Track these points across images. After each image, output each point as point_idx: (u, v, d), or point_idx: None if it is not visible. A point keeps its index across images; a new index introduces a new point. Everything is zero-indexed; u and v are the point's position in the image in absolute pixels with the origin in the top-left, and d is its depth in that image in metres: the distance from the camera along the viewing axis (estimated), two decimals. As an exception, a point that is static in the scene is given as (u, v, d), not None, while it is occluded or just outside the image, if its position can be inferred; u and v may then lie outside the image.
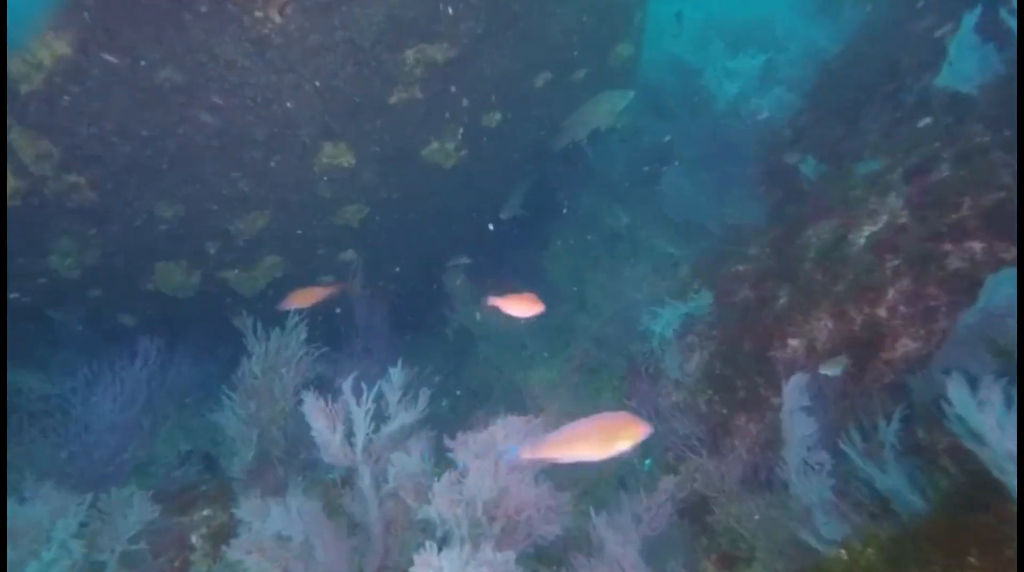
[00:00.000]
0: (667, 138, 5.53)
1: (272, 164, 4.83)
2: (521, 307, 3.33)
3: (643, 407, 4.40)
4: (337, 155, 5.05)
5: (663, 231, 5.53)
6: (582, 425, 2.23)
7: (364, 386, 2.86)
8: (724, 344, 3.83)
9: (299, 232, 5.55)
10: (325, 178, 5.17)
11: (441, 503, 2.48)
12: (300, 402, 3.06)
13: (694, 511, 3.78)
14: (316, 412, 2.75)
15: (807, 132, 4.41)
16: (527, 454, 2.25)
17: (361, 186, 5.46)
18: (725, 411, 3.76)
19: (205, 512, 3.37)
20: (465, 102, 5.48)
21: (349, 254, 6.17)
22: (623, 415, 2.24)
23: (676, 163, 5.55)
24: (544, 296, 6.52)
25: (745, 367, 3.64)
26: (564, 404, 5.00)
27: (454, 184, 6.18)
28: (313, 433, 2.74)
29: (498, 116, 5.81)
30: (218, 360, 5.99)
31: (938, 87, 3.65)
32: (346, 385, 2.85)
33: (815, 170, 4.03)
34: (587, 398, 4.84)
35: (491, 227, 6.17)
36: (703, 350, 4.02)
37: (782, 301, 3.53)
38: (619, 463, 4.05)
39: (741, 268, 4.06)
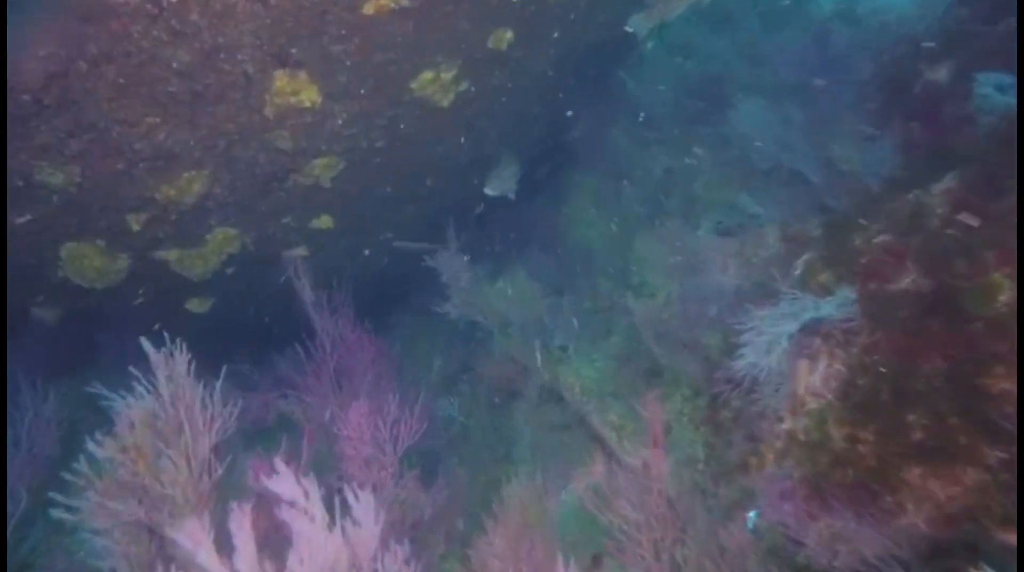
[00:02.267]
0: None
1: (202, 104, 3.33)
2: None
3: (735, 432, 3.09)
4: (295, 90, 3.55)
5: (728, 181, 4.11)
6: None
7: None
8: (880, 357, 2.48)
9: (254, 197, 4.09)
10: (281, 122, 3.68)
11: None
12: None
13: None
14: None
15: (966, 36, 2.97)
16: None
17: (331, 133, 3.98)
18: (886, 456, 2.44)
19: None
20: (467, 16, 3.95)
21: (324, 220, 4.72)
22: None
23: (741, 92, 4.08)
24: (574, 268, 5.09)
25: (927, 397, 2.30)
26: (618, 415, 3.68)
27: (453, 128, 4.70)
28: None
29: (509, 35, 4.29)
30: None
31: None
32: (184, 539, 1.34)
33: (997, 87, 2.62)
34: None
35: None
36: (834, 362, 2.67)
37: (1003, 298, 2.17)
38: None
39: (886, 239, 2.67)
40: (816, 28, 3.97)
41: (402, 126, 4.35)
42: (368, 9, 3.45)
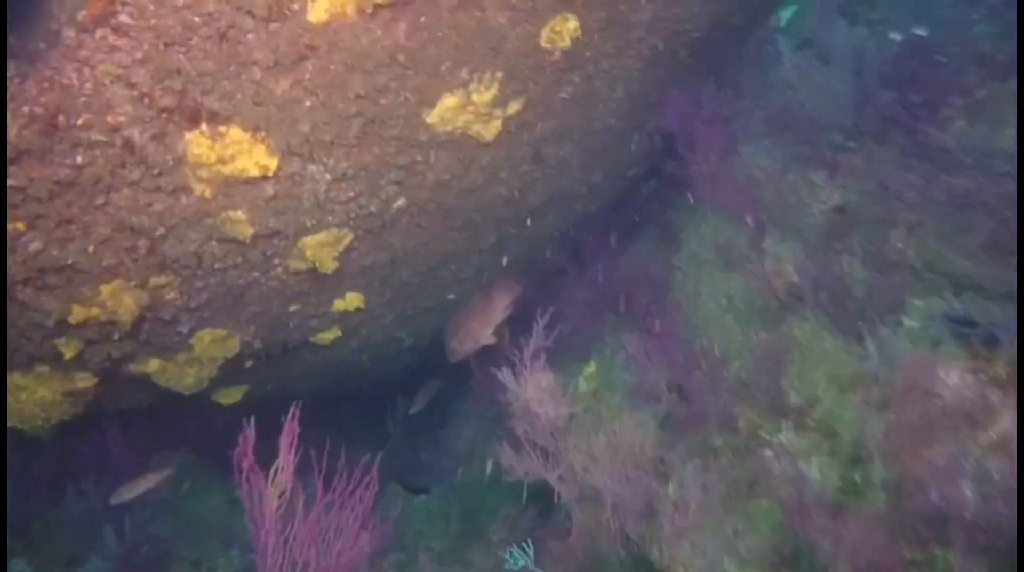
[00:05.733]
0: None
1: (81, 196, 2.05)
2: None
3: None
4: (225, 156, 2.16)
5: (962, 231, 2.21)
6: None
7: None
8: None
9: (228, 295, 2.81)
10: (227, 201, 2.33)
11: None
12: None
13: None
14: None
15: None
16: None
17: (314, 202, 2.57)
18: None
19: None
20: (498, 4, 2.37)
21: (350, 299, 3.38)
22: None
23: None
24: (694, 365, 2.98)
25: None
26: None
27: (512, 163, 3.15)
28: None
29: (572, 25, 2.63)
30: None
31: None
32: None
33: None
34: None
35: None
36: None
37: None
38: None
39: None
40: None
41: (428, 175, 2.87)
42: (317, 14, 1.97)
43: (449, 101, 2.55)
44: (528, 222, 3.61)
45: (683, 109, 3.08)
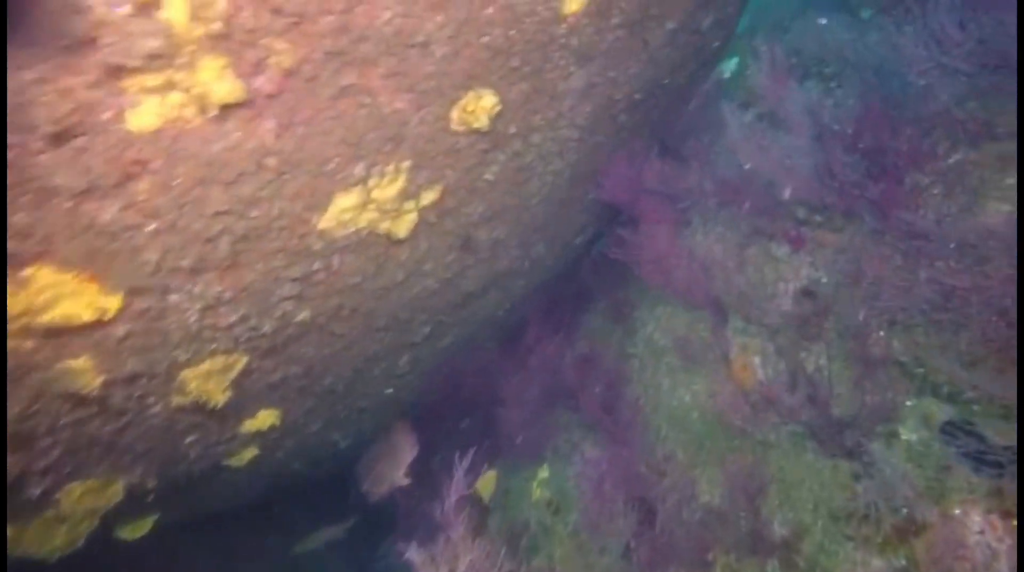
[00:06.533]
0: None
1: None
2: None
3: None
4: (39, 303, 1.66)
5: (955, 326, 1.83)
6: None
7: None
8: None
9: (95, 446, 2.26)
10: (58, 350, 1.82)
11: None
12: None
13: None
14: None
15: None
16: None
17: (184, 335, 2.06)
18: None
19: None
20: (391, 87, 1.94)
21: (262, 418, 2.84)
22: None
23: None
24: (655, 482, 2.19)
25: None
26: None
27: (436, 254, 2.69)
28: None
29: (490, 102, 2.21)
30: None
31: None
32: None
33: None
34: None
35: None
36: None
37: None
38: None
39: None
40: None
41: (334, 282, 2.39)
42: (142, 120, 1.49)
43: (344, 201, 2.09)
44: (464, 308, 3.15)
45: (625, 181, 2.67)
